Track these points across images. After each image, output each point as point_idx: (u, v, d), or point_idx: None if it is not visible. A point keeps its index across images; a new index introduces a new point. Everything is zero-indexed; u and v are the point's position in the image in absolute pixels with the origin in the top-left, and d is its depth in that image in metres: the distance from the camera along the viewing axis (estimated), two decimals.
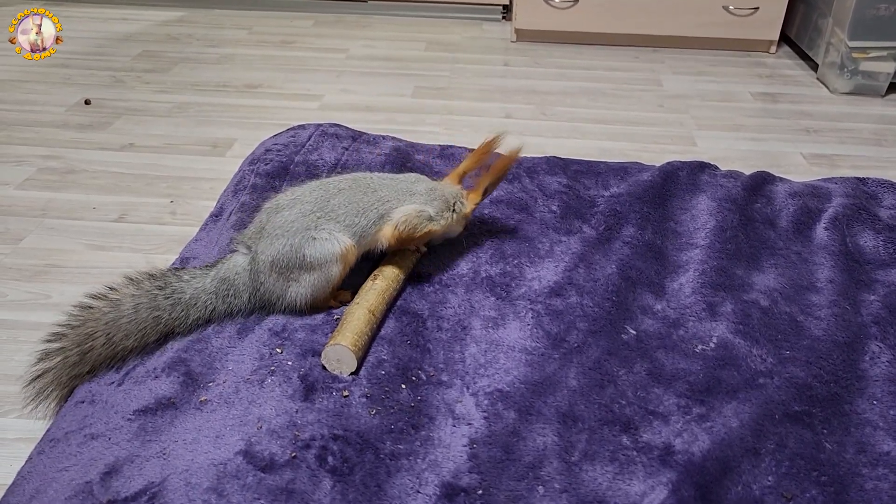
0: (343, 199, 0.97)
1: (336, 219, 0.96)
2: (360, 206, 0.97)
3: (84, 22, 3.45)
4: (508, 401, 0.88)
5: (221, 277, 0.98)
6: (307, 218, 0.95)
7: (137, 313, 0.94)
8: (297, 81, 2.89)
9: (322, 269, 0.95)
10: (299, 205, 0.96)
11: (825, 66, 2.78)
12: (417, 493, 0.77)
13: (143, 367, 0.91)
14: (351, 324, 0.93)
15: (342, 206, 0.97)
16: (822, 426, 0.87)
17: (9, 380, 1.55)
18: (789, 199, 1.26)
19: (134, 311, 0.94)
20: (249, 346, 0.93)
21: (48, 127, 2.50)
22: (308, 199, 0.96)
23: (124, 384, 0.89)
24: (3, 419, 1.47)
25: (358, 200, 0.97)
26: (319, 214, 0.95)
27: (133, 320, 0.94)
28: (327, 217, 0.95)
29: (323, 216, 0.95)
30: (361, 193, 0.98)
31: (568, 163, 1.35)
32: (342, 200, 0.97)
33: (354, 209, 0.97)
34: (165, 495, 0.75)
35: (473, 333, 0.98)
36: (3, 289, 1.77)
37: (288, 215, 0.95)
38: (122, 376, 0.91)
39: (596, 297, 1.03)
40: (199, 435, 0.82)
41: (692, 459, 0.81)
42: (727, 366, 0.94)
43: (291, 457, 0.79)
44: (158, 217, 2.07)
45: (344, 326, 0.92)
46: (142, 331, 0.94)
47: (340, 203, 0.97)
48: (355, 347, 0.90)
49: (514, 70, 3.02)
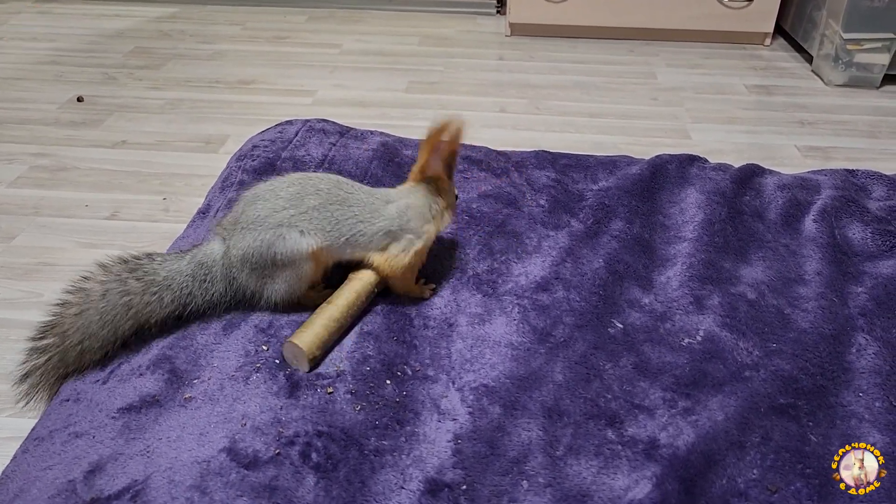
0: (317, 203, 0.94)
1: (309, 219, 0.94)
2: (331, 218, 0.95)
3: (76, 18, 3.44)
4: (494, 396, 0.88)
5: (199, 261, 0.96)
6: (280, 214, 0.93)
7: (107, 299, 0.92)
8: (291, 77, 2.89)
9: (293, 266, 0.94)
10: (273, 199, 0.94)
11: (820, 59, 2.77)
12: (401, 488, 0.77)
13: (129, 365, 0.91)
14: (313, 323, 0.92)
15: (316, 210, 0.94)
16: (808, 419, 0.87)
17: (0, 378, 1.55)
18: (778, 192, 1.25)
19: (103, 298, 0.92)
20: (235, 342, 0.93)
21: (40, 124, 2.49)
22: (283, 195, 0.94)
23: (109, 382, 0.89)
24: None
25: (332, 211, 0.95)
26: (293, 212, 0.93)
27: (103, 307, 0.91)
28: (300, 216, 0.93)
29: (297, 214, 0.93)
30: (337, 204, 0.95)
31: (557, 157, 1.35)
32: (316, 204, 0.94)
33: (327, 218, 0.94)
34: (148, 493, 0.74)
35: (460, 330, 0.97)
36: None
37: (261, 208, 0.93)
38: (108, 374, 0.91)
39: (583, 292, 1.03)
40: (184, 432, 0.81)
41: (677, 453, 0.81)
42: (713, 359, 0.94)
43: (275, 454, 0.79)
44: (151, 214, 2.06)
45: (306, 325, 0.92)
46: (112, 318, 0.91)
47: (314, 206, 0.94)
48: (309, 349, 0.89)
49: (507, 64, 3.01)
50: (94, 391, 0.88)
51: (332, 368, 0.90)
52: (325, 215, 0.94)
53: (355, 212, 0.96)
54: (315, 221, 0.94)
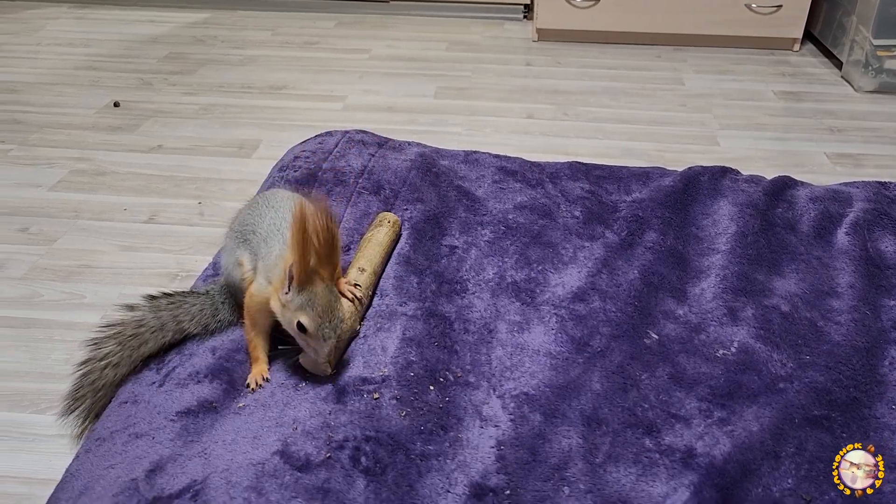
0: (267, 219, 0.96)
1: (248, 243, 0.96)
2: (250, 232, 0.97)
3: (111, 24, 3.52)
4: (534, 404, 0.91)
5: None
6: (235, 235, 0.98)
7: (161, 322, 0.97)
8: (321, 82, 2.93)
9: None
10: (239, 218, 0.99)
11: (849, 65, 2.76)
12: (448, 492, 0.81)
13: (184, 370, 0.95)
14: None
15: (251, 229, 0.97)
16: (841, 430, 0.89)
17: (46, 378, 1.60)
18: (810, 204, 1.27)
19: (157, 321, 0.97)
20: (283, 353, 0.97)
21: (78, 129, 2.56)
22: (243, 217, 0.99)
23: (165, 385, 0.93)
24: (41, 416, 1.52)
25: (253, 227, 0.97)
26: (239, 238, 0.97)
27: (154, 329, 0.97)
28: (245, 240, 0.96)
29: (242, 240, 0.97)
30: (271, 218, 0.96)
31: (590, 168, 1.37)
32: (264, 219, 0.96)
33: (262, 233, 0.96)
34: (207, 493, 0.78)
35: (499, 337, 1.01)
36: (39, 289, 1.82)
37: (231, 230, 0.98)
38: (163, 377, 0.95)
39: (619, 302, 1.05)
40: (238, 436, 0.85)
41: (713, 462, 0.83)
42: (748, 370, 0.96)
43: (326, 457, 0.82)
44: (187, 218, 2.11)
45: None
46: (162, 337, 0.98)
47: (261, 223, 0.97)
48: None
49: (535, 70, 3.03)
50: (151, 394, 0.93)
51: (377, 373, 0.94)
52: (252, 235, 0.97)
53: (263, 228, 0.96)
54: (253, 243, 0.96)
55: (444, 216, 1.20)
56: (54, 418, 1.46)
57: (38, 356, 1.62)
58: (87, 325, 1.73)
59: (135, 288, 1.81)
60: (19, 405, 1.51)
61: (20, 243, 1.98)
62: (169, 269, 1.89)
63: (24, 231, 2.03)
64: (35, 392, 1.53)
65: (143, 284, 1.87)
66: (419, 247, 1.13)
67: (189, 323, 0.99)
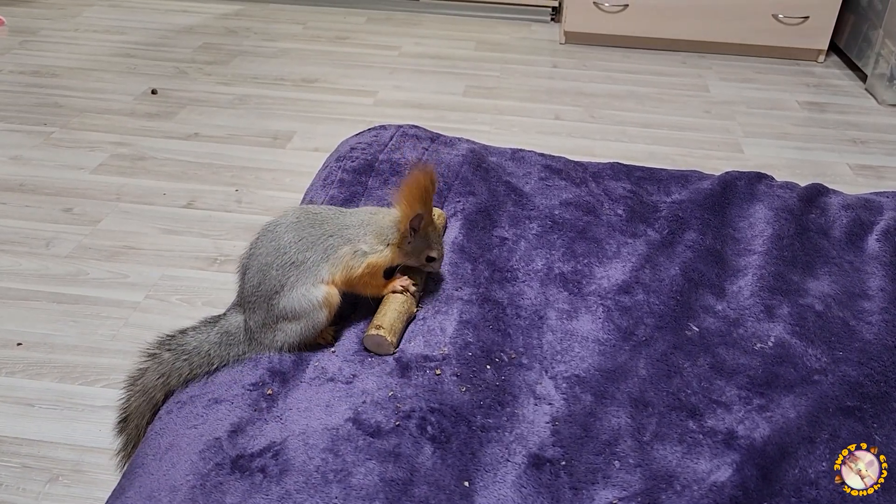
0: (294, 237, 1.00)
1: (293, 262, 0.99)
2: (307, 241, 1.00)
3: (145, 13, 3.58)
4: (584, 385, 0.97)
5: (225, 330, 1.03)
6: (278, 272, 0.99)
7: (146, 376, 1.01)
8: (352, 77, 3.00)
9: (307, 317, 1.00)
10: (260, 257, 1.00)
11: (874, 77, 2.81)
12: (507, 461, 0.87)
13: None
14: (386, 314, 1.02)
15: (293, 245, 1.00)
16: (873, 420, 0.95)
17: (93, 352, 1.68)
18: (842, 211, 1.33)
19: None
20: (349, 332, 1.04)
21: (118, 115, 2.63)
22: (264, 250, 1.00)
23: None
24: (90, 388, 1.59)
25: (306, 235, 1.00)
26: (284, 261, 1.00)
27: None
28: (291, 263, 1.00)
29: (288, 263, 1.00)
30: (310, 227, 1.01)
31: (631, 169, 1.44)
32: (293, 237, 1.00)
33: (304, 244, 1.00)
34: (287, 453, 0.85)
35: (549, 323, 1.07)
36: (85, 267, 1.89)
37: (254, 270, 1.00)
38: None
39: (661, 296, 1.12)
40: (311, 404, 0.92)
41: (754, 444, 0.90)
42: (784, 363, 1.02)
43: (395, 425, 0.89)
44: (225, 205, 2.18)
45: (382, 314, 1.02)
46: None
47: (293, 241, 1.00)
48: (392, 339, 1.00)
49: (562, 72, 3.09)
50: (226, 368, 0.99)
51: (438, 352, 1.00)
52: (302, 244, 1.00)
53: (325, 228, 1.02)
54: (295, 255, 1.00)
55: (494, 209, 1.26)
56: (102, 390, 1.54)
57: (86, 331, 1.70)
58: (131, 303, 1.80)
59: (176, 270, 1.88)
60: (70, 376, 1.58)
61: (65, 223, 2.06)
62: (208, 254, 1.96)
63: (69, 211, 2.10)
64: (84, 365, 1.61)
65: (183, 266, 1.94)
66: (472, 236, 1.20)
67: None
